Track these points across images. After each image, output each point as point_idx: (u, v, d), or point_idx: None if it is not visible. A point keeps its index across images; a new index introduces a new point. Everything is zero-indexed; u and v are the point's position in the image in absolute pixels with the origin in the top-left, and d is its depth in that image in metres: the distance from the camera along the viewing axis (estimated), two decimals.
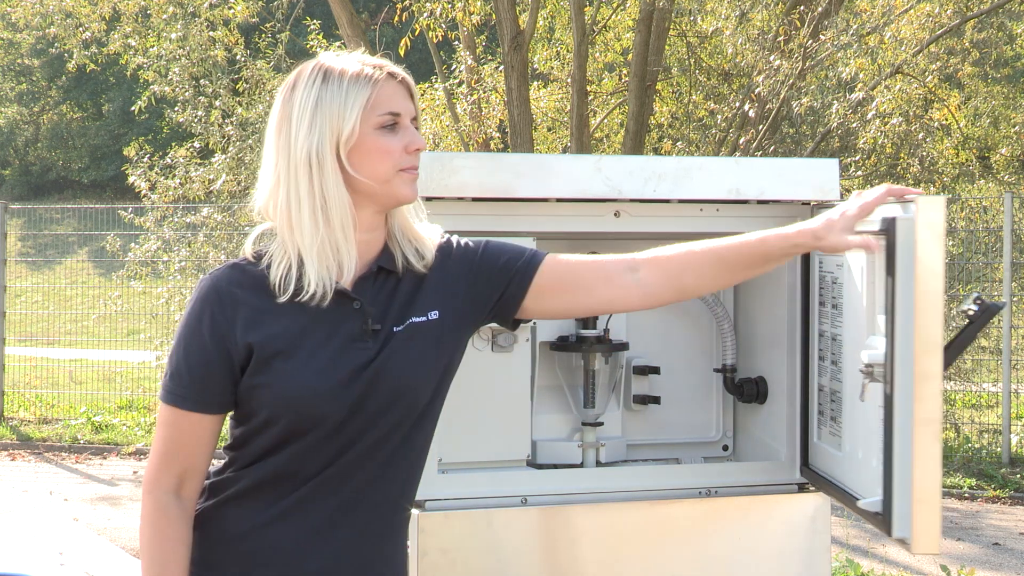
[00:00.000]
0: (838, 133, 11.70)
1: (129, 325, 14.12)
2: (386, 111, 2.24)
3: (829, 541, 2.98)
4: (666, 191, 2.85)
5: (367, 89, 2.22)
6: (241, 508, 2.25)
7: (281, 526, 2.24)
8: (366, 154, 2.23)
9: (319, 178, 2.20)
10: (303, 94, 2.23)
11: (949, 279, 11.27)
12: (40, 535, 7.90)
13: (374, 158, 2.23)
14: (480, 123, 13.11)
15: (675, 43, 13.25)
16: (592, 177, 2.80)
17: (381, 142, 2.24)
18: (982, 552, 7.71)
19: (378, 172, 2.24)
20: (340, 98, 2.21)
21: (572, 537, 2.80)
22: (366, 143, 2.23)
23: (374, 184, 2.23)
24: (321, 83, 2.22)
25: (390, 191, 2.25)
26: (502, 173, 2.73)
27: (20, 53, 33.37)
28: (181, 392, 2.22)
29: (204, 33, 12.55)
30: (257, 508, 2.24)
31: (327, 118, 2.20)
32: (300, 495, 2.23)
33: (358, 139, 2.21)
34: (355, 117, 2.21)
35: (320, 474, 2.23)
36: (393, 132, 2.25)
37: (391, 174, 2.25)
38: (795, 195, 2.94)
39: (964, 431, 10.76)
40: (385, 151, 2.24)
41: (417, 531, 2.67)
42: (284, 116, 2.24)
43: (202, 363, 2.21)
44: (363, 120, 2.21)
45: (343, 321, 2.23)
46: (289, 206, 2.21)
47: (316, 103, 2.21)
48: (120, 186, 25.51)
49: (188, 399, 2.22)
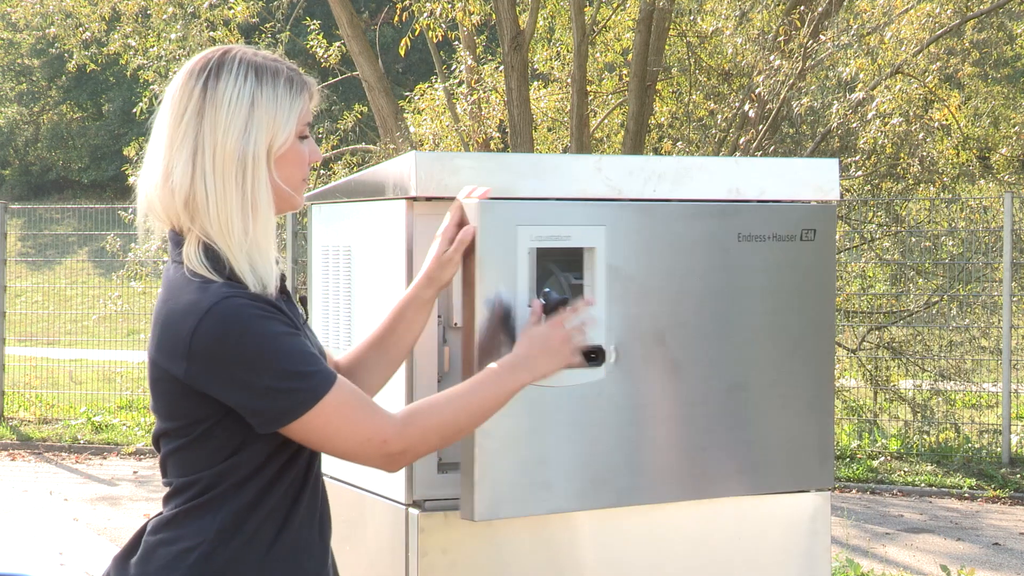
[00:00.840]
0: (838, 133, 11.71)
1: (129, 325, 14.13)
2: (307, 121, 2.25)
3: (829, 541, 2.98)
4: (666, 191, 2.85)
5: (302, 97, 2.22)
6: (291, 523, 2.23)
7: (312, 530, 2.26)
8: (287, 161, 2.21)
9: (252, 180, 2.16)
10: (232, 88, 2.17)
11: (949, 279, 11.27)
12: (40, 535, 7.90)
13: (293, 166, 2.22)
14: (480, 123, 13.11)
15: (675, 43, 13.25)
16: (592, 177, 2.80)
17: (300, 150, 2.23)
18: (982, 552, 7.71)
19: (293, 179, 2.23)
20: (276, 103, 2.19)
21: (572, 537, 2.80)
22: (291, 151, 2.22)
23: (286, 191, 2.22)
24: (255, 81, 2.18)
25: (292, 199, 2.25)
26: (502, 173, 2.73)
27: (20, 53, 33.37)
28: (322, 371, 2.13)
29: (204, 33, 12.55)
30: (297, 518, 2.24)
31: (264, 121, 2.17)
32: (315, 496, 2.27)
33: (288, 147, 2.21)
34: (292, 125, 2.20)
35: (314, 470, 2.27)
36: (305, 141, 2.26)
37: (298, 183, 2.25)
38: (795, 195, 2.94)
39: (964, 431, 10.75)
40: (302, 160, 2.24)
41: (417, 531, 2.67)
42: (209, 105, 2.16)
43: (303, 342, 2.15)
44: (295, 128, 2.22)
45: (293, 312, 2.25)
46: (219, 206, 2.15)
47: (252, 102, 2.17)
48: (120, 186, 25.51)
49: (328, 375, 2.14)
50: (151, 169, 2.21)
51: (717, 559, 2.89)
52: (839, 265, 11.28)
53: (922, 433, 10.70)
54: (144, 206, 2.25)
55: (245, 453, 2.15)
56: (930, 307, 11.18)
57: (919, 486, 9.59)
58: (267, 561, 2.18)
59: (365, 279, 2.90)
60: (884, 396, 11.23)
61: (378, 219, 2.84)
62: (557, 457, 2.68)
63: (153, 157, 2.22)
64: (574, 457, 2.70)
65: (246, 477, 2.16)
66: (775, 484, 2.92)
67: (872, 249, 11.40)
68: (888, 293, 11.73)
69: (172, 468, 2.21)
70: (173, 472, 2.21)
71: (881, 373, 11.21)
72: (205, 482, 2.16)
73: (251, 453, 2.16)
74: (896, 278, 11.76)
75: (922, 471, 9.96)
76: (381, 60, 13.22)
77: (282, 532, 2.19)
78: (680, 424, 2.80)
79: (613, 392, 2.70)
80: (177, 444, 2.18)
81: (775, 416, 2.90)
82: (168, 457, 2.21)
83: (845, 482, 9.69)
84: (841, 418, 10.99)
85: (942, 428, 10.77)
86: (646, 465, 2.78)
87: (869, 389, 11.30)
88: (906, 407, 11.02)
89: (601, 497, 2.74)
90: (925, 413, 10.83)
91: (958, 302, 11.21)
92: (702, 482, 2.84)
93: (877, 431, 10.87)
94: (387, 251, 2.77)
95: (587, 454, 2.71)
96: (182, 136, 2.17)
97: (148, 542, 2.21)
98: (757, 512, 2.92)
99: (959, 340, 11.25)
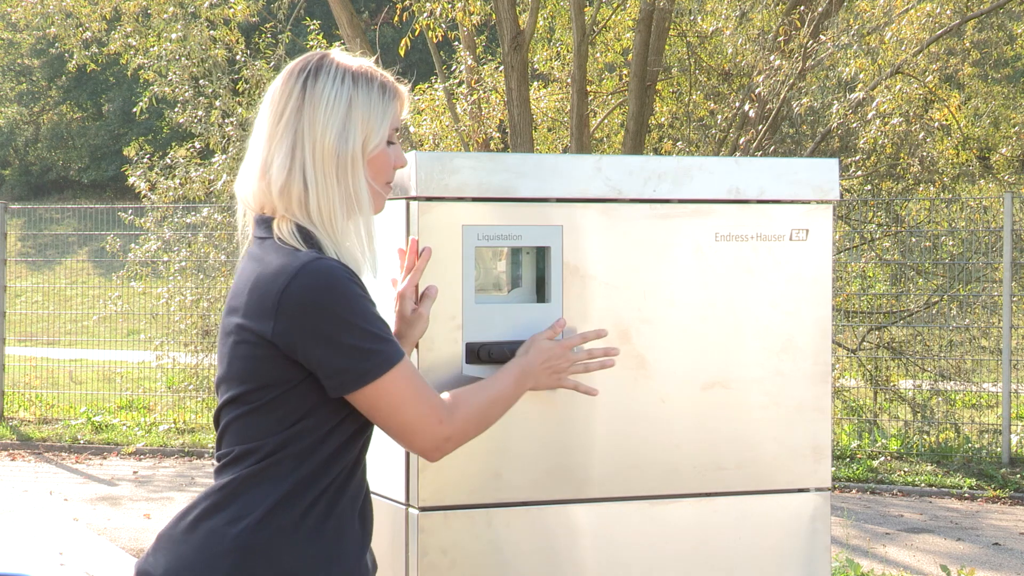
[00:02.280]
0: (838, 133, 11.71)
1: (129, 325, 14.13)
2: (396, 126, 2.33)
3: (829, 541, 2.98)
4: (666, 191, 2.85)
5: (395, 102, 2.31)
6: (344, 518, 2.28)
7: (355, 519, 2.31)
8: (376, 165, 2.30)
9: (352, 177, 2.25)
10: (331, 89, 2.26)
11: (949, 279, 11.27)
12: (40, 535, 7.90)
13: (380, 169, 2.31)
14: (480, 123, 13.11)
15: (675, 43, 13.25)
16: (592, 177, 2.80)
17: (387, 155, 2.32)
18: (982, 552, 7.71)
19: (379, 181, 2.32)
20: (371, 106, 2.27)
21: (572, 537, 2.80)
22: (380, 154, 2.31)
23: (378, 190, 2.32)
24: (352, 84, 2.27)
25: (377, 202, 2.34)
26: (502, 173, 2.73)
27: (20, 53, 33.38)
28: (396, 342, 2.23)
29: (204, 32, 12.56)
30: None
31: (360, 122, 2.26)
32: (360, 487, 2.33)
33: (379, 150, 2.30)
34: (386, 128, 2.29)
35: (362, 462, 2.35)
36: (392, 147, 2.34)
37: (384, 185, 2.34)
38: (795, 195, 2.95)
39: (964, 431, 10.76)
40: (388, 164, 2.33)
41: (417, 531, 2.67)
42: (308, 103, 2.25)
43: (383, 320, 2.24)
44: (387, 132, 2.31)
45: None
46: (320, 198, 2.24)
47: (350, 104, 2.26)
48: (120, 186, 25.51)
49: (400, 347, 2.25)
50: (250, 162, 2.31)
51: (717, 559, 2.89)
52: (839, 265, 11.28)
53: (922, 433, 10.71)
54: (239, 194, 2.34)
55: (311, 420, 2.21)
56: (930, 307, 11.18)
57: (919, 486, 9.59)
58: (313, 540, 2.21)
59: (365, 279, 2.90)
60: (884, 396, 11.23)
61: (378, 219, 2.84)
62: (510, 448, 2.71)
63: (253, 151, 2.31)
64: (529, 448, 2.73)
65: (307, 449, 2.21)
66: (760, 482, 2.93)
67: (872, 249, 11.40)
68: (888, 293, 11.73)
69: (233, 435, 2.25)
70: (232, 440, 2.25)
71: (881, 373, 11.21)
72: (267, 449, 2.21)
73: (316, 421, 2.22)
74: (896, 278, 11.76)
75: (922, 471, 9.96)
76: (381, 60, 13.19)
77: (331, 514, 2.23)
78: (647, 419, 2.83)
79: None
80: (245, 409, 2.23)
81: (760, 414, 2.91)
82: (231, 424, 2.25)
83: (845, 482, 9.70)
84: (841, 418, 10.99)
85: (942, 428, 10.77)
86: (608, 459, 2.81)
87: (869, 389, 11.30)
88: (906, 407, 11.02)
89: (557, 489, 2.76)
90: (925, 413, 10.84)
91: (958, 302, 11.21)
92: (673, 477, 2.86)
93: (877, 431, 10.87)
94: (387, 251, 2.77)
95: (544, 446, 2.74)
96: (281, 132, 2.26)
97: (200, 510, 2.24)
98: (757, 512, 2.93)
99: (959, 340, 11.26)
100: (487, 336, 2.70)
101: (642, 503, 2.84)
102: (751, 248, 2.89)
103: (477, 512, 2.72)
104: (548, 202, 2.77)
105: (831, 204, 2.99)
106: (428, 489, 2.68)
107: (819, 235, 2.96)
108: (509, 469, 2.74)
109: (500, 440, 2.72)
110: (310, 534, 2.21)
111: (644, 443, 2.84)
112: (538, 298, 2.77)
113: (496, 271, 2.78)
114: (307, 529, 2.21)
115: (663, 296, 2.84)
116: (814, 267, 2.95)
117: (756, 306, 2.91)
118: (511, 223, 2.74)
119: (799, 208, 2.95)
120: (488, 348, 2.69)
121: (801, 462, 2.96)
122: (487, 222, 2.72)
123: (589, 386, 2.62)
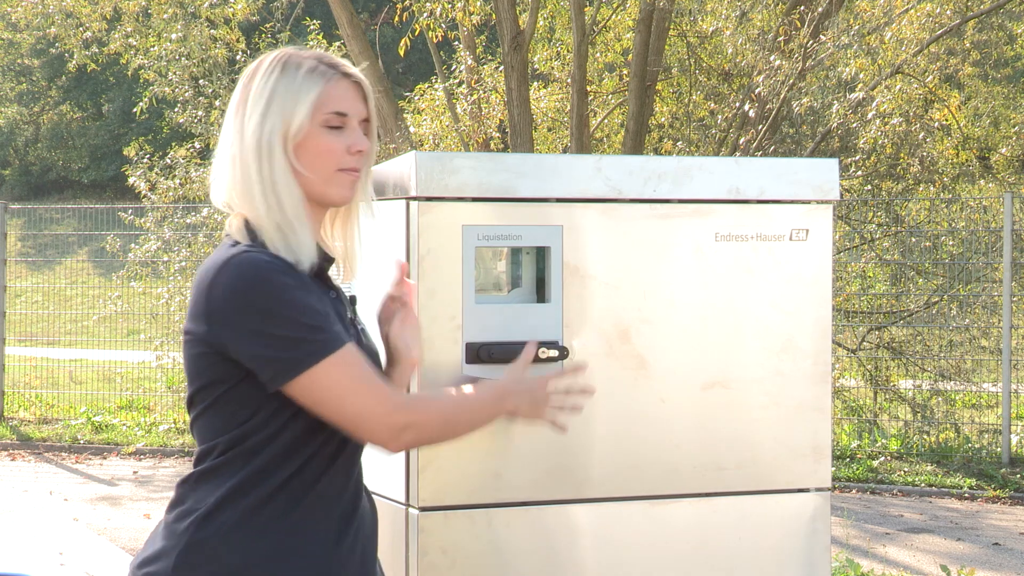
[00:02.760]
0: (838, 133, 11.71)
1: (129, 325, 14.12)
2: (333, 110, 2.26)
3: (829, 541, 2.98)
4: (666, 191, 2.85)
5: (318, 85, 2.25)
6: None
7: (330, 522, 2.30)
8: (310, 151, 2.26)
9: (268, 166, 2.23)
10: (260, 82, 2.26)
11: (949, 279, 11.27)
12: (40, 535, 7.90)
13: (316, 155, 2.26)
14: (480, 123, 13.11)
15: (675, 43, 13.24)
16: (592, 177, 2.80)
17: (324, 140, 2.26)
18: (982, 552, 7.71)
19: (318, 170, 2.26)
20: (290, 90, 2.24)
21: (572, 537, 2.80)
22: (311, 140, 2.25)
23: (314, 181, 2.26)
24: (279, 74, 2.25)
25: (325, 190, 2.28)
26: (502, 173, 2.73)
27: (20, 53, 33.36)
28: (333, 333, 2.18)
29: (205, 32, 12.56)
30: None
31: (279, 109, 2.23)
32: (340, 489, 2.32)
33: (305, 135, 2.24)
34: (305, 112, 2.24)
35: (342, 458, 2.33)
36: (339, 132, 2.28)
37: (330, 173, 2.27)
38: (795, 195, 2.95)
39: (964, 431, 10.75)
40: (327, 150, 2.26)
41: (417, 531, 2.67)
42: (241, 100, 2.27)
43: (320, 306, 2.20)
44: (312, 116, 2.24)
45: (334, 305, 2.28)
46: (243, 188, 2.24)
47: (272, 93, 2.24)
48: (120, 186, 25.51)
49: (341, 336, 2.19)
50: (215, 163, 2.34)
51: (717, 559, 2.89)
52: (839, 265, 11.28)
53: (922, 433, 10.70)
54: (224, 207, 2.36)
55: (259, 417, 2.20)
56: (930, 307, 11.18)
57: (919, 486, 9.59)
58: (263, 536, 2.19)
59: (364, 279, 2.90)
60: (884, 396, 11.23)
61: (378, 219, 2.84)
62: (510, 448, 2.72)
63: (217, 152, 2.35)
64: (528, 449, 2.73)
65: (258, 445, 2.20)
66: (760, 482, 2.93)
67: (872, 249, 11.40)
68: (888, 293, 11.73)
69: (197, 435, 2.29)
70: (197, 440, 2.29)
71: (881, 373, 11.21)
72: (221, 447, 2.22)
73: (264, 418, 2.20)
74: (896, 278, 11.76)
75: (922, 471, 9.96)
76: (381, 60, 13.23)
77: (292, 511, 2.21)
78: (647, 419, 2.83)
79: (572, 386, 2.74)
80: (200, 409, 2.25)
81: (760, 414, 2.92)
82: (193, 425, 2.28)
83: (845, 482, 9.69)
84: (841, 418, 10.99)
85: (942, 428, 10.77)
86: (608, 459, 2.81)
87: (869, 389, 11.30)
88: (906, 407, 11.02)
89: (557, 489, 2.76)
90: (925, 413, 10.83)
91: (958, 302, 11.20)
92: (673, 477, 2.86)
93: (877, 431, 10.86)
94: (387, 251, 2.77)
95: (544, 446, 2.74)
96: (224, 132, 2.30)
97: (167, 508, 2.31)
98: (757, 512, 2.93)
99: (959, 340, 11.25)
100: (487, 336, 2.70)
101: (642, 503, 2.84)
102: (751, 248, 2.89)
103: (477, 512, 2.72)
104: (548, 202, 2.77)
105: (831, 204, 2.99)
106: (428, 489, 2.68)
107: (819, 235, 2.96)
108: (509, 469, 2.74)
109: (500, 440, 2.72)
110: (260, 530, 2.19)
111: (644, 443, 2.84)
112: (538, 298, 2.77)
113: (496, 271, 2.78)
114: (257, 525, 2.19)
115: (663, 296, 2.84)
116: (814, 267, 2.95)
117: (756, 306, 2.91)
118: (511, 223, 2.74)
119: (799, 208, 2.95)
120: (488, 348, 2.69)
121: (801, 462, 2.96)
122: (487, 222, 2.72)
123: (562, 423, 2.56)
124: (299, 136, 2.24)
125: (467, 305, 2.70)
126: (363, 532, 2.33)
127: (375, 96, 12.00)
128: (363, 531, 2.33)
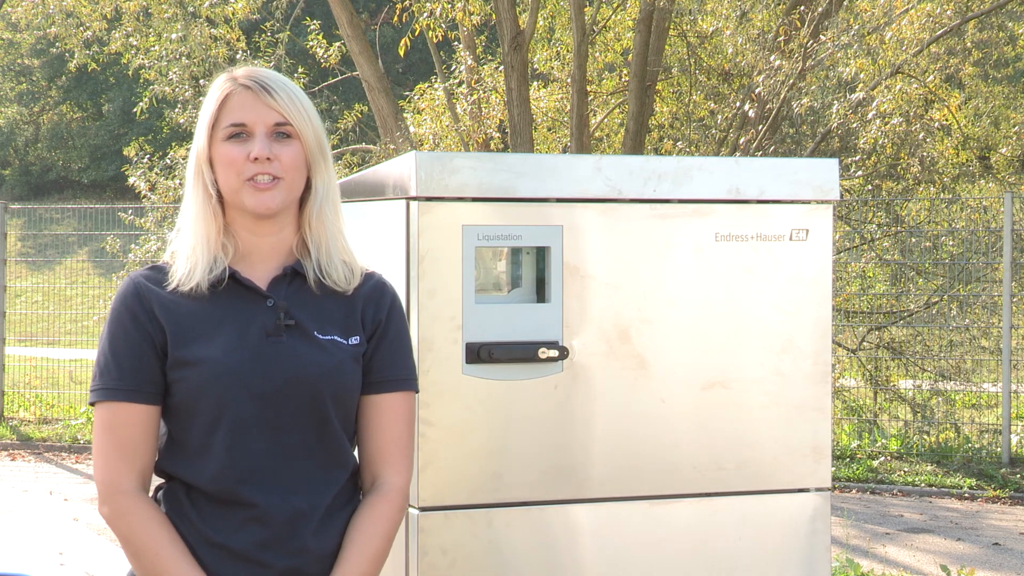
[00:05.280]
0: (838, 133, 11.70)
1: None
2: (228, 123, 2.29)
3: (829, 541, 2.98)
4: (666, 191, 2.85)
5: (212, 105, 2.31)
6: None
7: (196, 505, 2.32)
8: (218, 165, 2.30)
9: (192, 182, 2.31)
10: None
11: (949, 279, 11.27)
12: (40, 535, 7.90)
13: (220, 169, 2.29)
14: (480, 123, 13.11)
15: (675, 43, 13.24)
16: (592, 177, 2.80)
17: (225, 152, 2.29)
18: (982, 552, 7.71)
19: (227, 182, 2.29)
20: (201, 112, 2.33)
21: (572, 537, 2.80)
22: (217, 154, 2.30)
23: (229, 193, 2.29)
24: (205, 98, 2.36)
25: (241, 201, 2.28)
26: (502, 173, 2.73)
27: (20, 53, 33.37)
28: (112, 385, 2.24)
29: (205, 32, 12.56)
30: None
31: (197, 131, 2.33)
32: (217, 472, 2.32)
33: (212, 152, 2.29)
34: (204, 133, 2.30)
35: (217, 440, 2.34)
36: (241, 142, 2.28)
37: (238, 184, 2.28)
38: (795, 195, 2.95)
39: (964, 431, 10.75)
40: (228, 161, 2.28)
41: (417, 531, 2.67)
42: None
43: (129, 352, 2.23)
44: (212, 135, 2.29)
45: (257, 315, 2.26)
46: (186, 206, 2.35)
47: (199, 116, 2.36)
48: (120, 186, 25.51)
49: (121, 390, 2.23)
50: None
51: (717, 558, 2.89)
52: (839, 265, 11.28)
53: (922, 433, 10.70)
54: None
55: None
56: (930, 307, 11.18)
57: (919, 486, 9.58)
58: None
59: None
60: (884, 396, 11.23)
61: (378, 219, 2.84)
62: (510, 448, 2.72)
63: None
64: (528, 449, 2.73)
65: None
66: (760, 482, 2.93)
67: (872, 249, 11.40)
68: (888, 293, 11.72)
69: None
70: None
71: (881, 373, 11.21)
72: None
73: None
74: (896, 278, 11.75)
75: (922, 471, 9.96)
76: (381, 60, 13.21)
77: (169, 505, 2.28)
78: (647, 419, 2.83)
79: (572, 386, 2.74)
80: None
81: (760, 414, 2.92)
82: None
83: (845, 482, 9.69)
84: (841, 418, 10.99)
85: (942, 428, 10.77)
86: (608, 459, 2.81)
87: (869, 389, 11.30)
88: (906, 407, 11.02)
89: (557, 489, 2.77)
90: (925, 413, 10.83)
91: (958, 302, 11.20)
92: (673, 477, 2.86)
93: (877, 431, 10.86)
94: (387, 251, 2.77)
95: (543, 446, 2.74)
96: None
97: None
98: (757, 512, 2.93)
99: (959, 340, 11.25)
100: (487, 336, 2.70)
101: (642, 503, 2.84)
102: (751, 248, 2.89)
103: (477, 512, 2.72)
104: (548, 202, 2.77)
105: (831, 204, 2.99)
106: (428, 489, 2.68)
107: (819, 235, 2.96)
108: (509, 469, 2.74)
109: (500, 440, 2.72)
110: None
111: (644, 443, 2.84)
112: (538, 298, 2.78)
113: (496, 271, 2.78)
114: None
115: (663, 296, 2.84)
116: (814, 267, 2.95)
117: (756, 306, 2.91)
118: (511, 223, 2.74)
119: (799, 208, 2.95)
120: (488, 348, 2.69)
121: (801, 462, 2.96)
122: (487, 222, 2.72)
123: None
124: (205, 153, 2.30)
125: (467, 305, 2.70)
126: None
127: (375, 96, 12.00)
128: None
